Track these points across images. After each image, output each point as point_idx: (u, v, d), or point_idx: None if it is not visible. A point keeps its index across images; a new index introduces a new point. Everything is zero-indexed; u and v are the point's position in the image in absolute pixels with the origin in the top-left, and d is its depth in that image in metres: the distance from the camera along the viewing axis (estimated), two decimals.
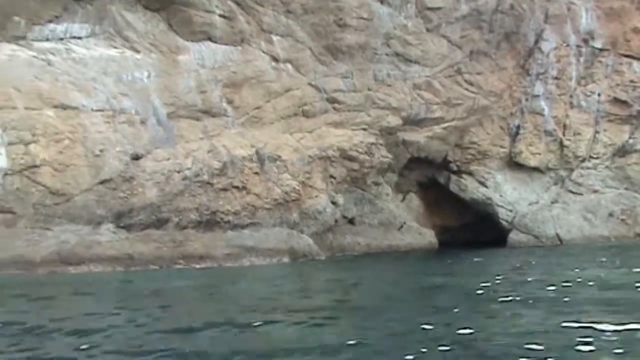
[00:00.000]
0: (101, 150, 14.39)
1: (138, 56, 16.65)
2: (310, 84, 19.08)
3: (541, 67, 21.39)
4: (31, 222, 13.09)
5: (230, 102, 17.61)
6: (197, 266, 13.83)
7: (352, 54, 19.75)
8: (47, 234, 13.02)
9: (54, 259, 12.75)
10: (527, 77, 21.63)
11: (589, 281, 9.05)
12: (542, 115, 21.59)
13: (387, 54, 20.34)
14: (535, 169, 21.90)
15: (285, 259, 15.89)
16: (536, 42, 21.55)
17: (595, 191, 21.30)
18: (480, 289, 8.58)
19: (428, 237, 21.09)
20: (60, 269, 12.60)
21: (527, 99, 21.67)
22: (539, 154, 21.66)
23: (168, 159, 15.41)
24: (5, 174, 13.13)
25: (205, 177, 15.64)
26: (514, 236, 21.43)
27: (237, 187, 16.14)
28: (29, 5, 15.19)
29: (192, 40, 17.52)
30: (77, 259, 12.92)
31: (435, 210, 23.48)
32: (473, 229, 23.38)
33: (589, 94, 21.39)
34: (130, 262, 13.37)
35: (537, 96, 21.53)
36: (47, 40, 15.68)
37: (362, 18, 19.73)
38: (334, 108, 19.36)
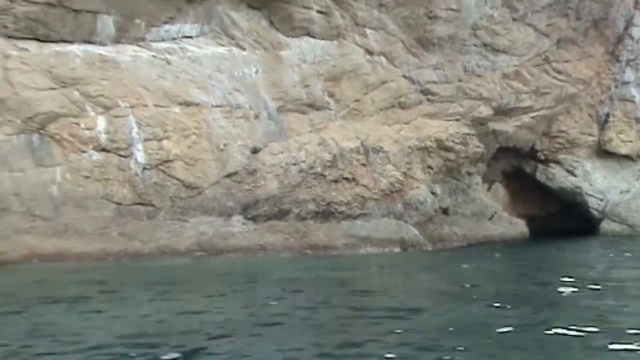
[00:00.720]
0: (225, 145, 15.48)
1: (244, 53, 17.69)
2: (404, 76, 19.96)
3: (631, 54, 21.94)
4: (170, 214, 14.22)
5: (331, 95, 18.58)
6: (327, 254, 14.84)
7: (442, 46, 20.57)
8: (186, 225, 14.13)
9: (196, 249, 13.86)
10: (616, 64, 22.20)
11: None
12: (633, 102, 22.14)
13: (475, 45, 21.11)
14: (626, 157, 22.47)
15: (396, 249, 16.83)
16: (626, 28, 22.10)
17: None
18: None
19: (519, 226, 21.80)
20: (203, 257, 13.70)
21: (616, 86, 22.23)
22: (630, 141, 22.23)
23: (282, 152, 16.43)
24: (144, 169, 14.27)
25: (319, 169, 16.64)
26: (606, 225, 22.05)
27: (346, 179, 17.10)
28: (148, 8, 16.29)
29: (292, 36, 18.51)
30: (215, 249, 14.02)
31: (519, 200, 24.15)
32: (557, 219, 23.99)
33: None
34: (263, 252, 14.43)
35: (627, 83, 22.10)
36: (163, 40, 16.78)
37: (451, 9, 20.53)
38: (428, 99, 20.21)
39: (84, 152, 13.96)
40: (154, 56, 16.27)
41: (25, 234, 12.50)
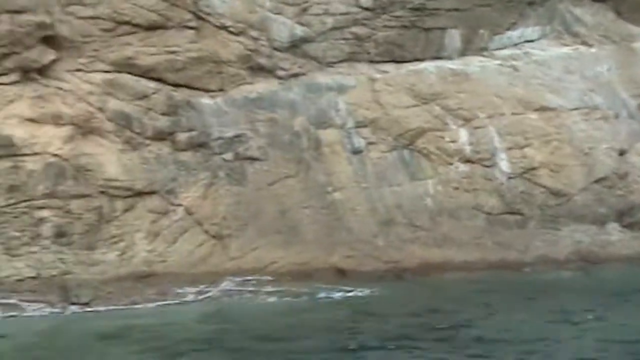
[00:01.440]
0: (589, 149, 14.93)
1: (592, 50, 16.96)
2: None
3: None
4: (540, 222, 14.17)
5: None
6: None
7: None
8: (559, 233, 13.94)
9: (574, 258, 13.55)
10: None
11: None
12: None
13: None
14: None
15: None
16: None
17: None
18: None
19: None
20: (582, 267, 13.31)
21: None
22: None
23: None
24: (509, 178, 14.46)
25: None
26: None
27: None
28: (491, 17, 16.57)
29: None
30: (594, 258, 13.54)
31: None
32: None
33: None
34: None
35: None
36: (505, 47, 16.88)
37: None
38: None
39: (450, 164, 14.65)
40: (500, 64, 16.47)
41: (410, 243, 13.51)
